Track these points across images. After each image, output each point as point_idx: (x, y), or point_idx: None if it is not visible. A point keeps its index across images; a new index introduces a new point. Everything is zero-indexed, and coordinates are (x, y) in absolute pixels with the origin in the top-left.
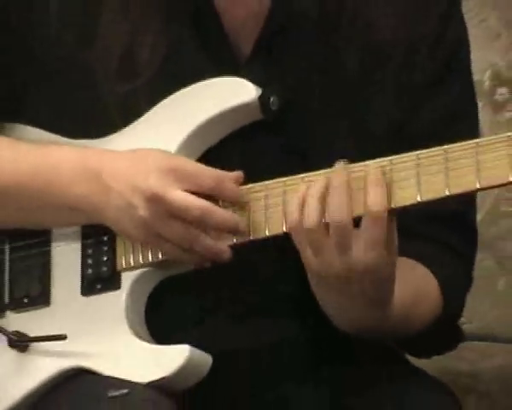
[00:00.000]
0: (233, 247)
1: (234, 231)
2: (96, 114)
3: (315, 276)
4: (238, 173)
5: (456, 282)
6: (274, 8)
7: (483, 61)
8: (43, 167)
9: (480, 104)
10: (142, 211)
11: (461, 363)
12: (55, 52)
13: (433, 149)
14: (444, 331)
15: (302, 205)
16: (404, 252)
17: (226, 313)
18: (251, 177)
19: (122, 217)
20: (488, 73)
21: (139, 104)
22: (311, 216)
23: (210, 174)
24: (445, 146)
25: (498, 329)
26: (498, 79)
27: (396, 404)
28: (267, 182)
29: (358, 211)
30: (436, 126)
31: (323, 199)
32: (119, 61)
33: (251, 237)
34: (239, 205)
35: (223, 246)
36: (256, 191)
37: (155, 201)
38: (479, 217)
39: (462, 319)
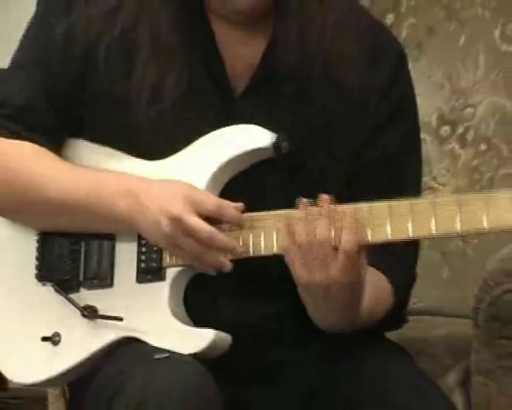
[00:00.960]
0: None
1: (231, 252)
2: (133, 131)
3: (301, 285)
4: (239, 204)
5: (402, 283)
6: (262, 61)
7: (431, 106)
8: (95, 188)
9: (428, 138)
10: (166, 228)
11: (414, 332)
12: (103, 87)
13: (402, 201)
14: (393, 318)
15: (292, 229)
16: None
17: (234, 296)
18: (256, 195)
19: (151, 229)
20: (435, 115)
21: (164, 125)
22: (301, 237)
23: (214, 205)
24: (412, 200)
25: (443, 306)
26: (442, 120)
27: (371, 361)
28: (262, 213)
29: (336, 243)
30: (386, 156)
31: (311, 225)
32: (149, 92)
33: (250, 255)
34: (241, 228)
35: (225, 260)
36: (254, 219)
37: (176, 221)
38: None
39: (416, 300)
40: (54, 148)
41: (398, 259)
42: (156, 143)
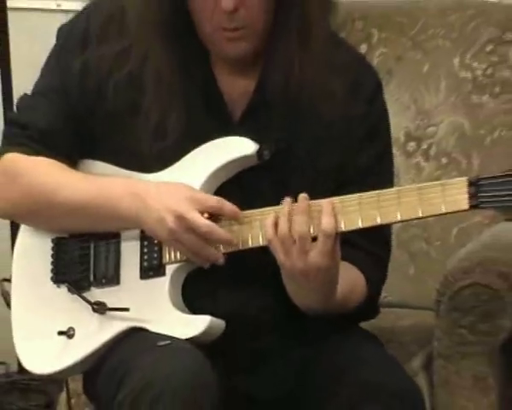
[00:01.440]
0: (227, 253)
1: (227, 243)
2: (138, 156)
3: (284, 272)
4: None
5: (375, 278)
6: (255, 92)
7: (399, 125)
8: (104, 191)
9: (397, 153)
10: (171, 224)
11: (384, 322)
12: (113, 118)
13: (370, 192)
14: (366, 309)
15: (276, 223)
16: (344, 258)
17: (230, 287)
18: (248, 199)
19: (156, 226)
20: (402, 133)
21: (167, 156)
22: (283, 230)
23: (215, 201)
24: (378, 191)
25: (409, 300)
26: (409, 137)
27: (348, 346)
28: (251, 211)
29: (315, 232)
30: (365, 170)
31: (291, 219)
32: (153, 130)
33: (240, 247)
34: (239, 222)
35: (219, 254)
36: (245, 216)
37: (179, 218)
38: (398, 226)
39: (386, 294)
40: (71, 165)
41: (373, 258)
42: (159, 166)
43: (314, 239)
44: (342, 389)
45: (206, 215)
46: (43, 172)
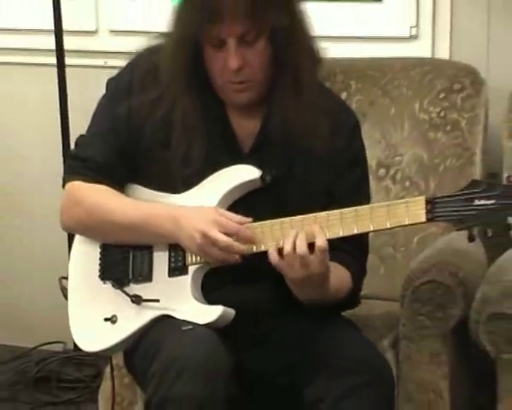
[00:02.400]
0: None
1: (240, 254)
2: (170, 181)
3: (289, 280)
4: (249, 219)
5: (357, 274)
6: (260, 131)
7: (372, 156)
8: (150, 214)
9: (370, 177)
10: (198, 240)
11: (361, 311)
12: (150, 152)
13: (349, 208)
14: (352, 299)
15: (279, 249)
16: (333, 259)
17: (238, 283)
18: (254, 214)
19: (188, 242)
20: (374, 162)
21: (191, 181)
22: (288, 250)
23: (235, 226)
24: (355, 207)
25: (380, 293)
26: (380, 165)
27: (333, 329)
28: (257, 223)
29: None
30: (348, 190)
31: (294, 243)
32: (181, 161)
33: (248, 253)
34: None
35: (234, 258)
36: (255, 227)
37: (205, 236)
38: (371, 235)
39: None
40: (120, 189)
41: (355, 259)
42: (184, 188)
43: (311, 248)
44: (329, 364)
45: None
46: (101, 198)
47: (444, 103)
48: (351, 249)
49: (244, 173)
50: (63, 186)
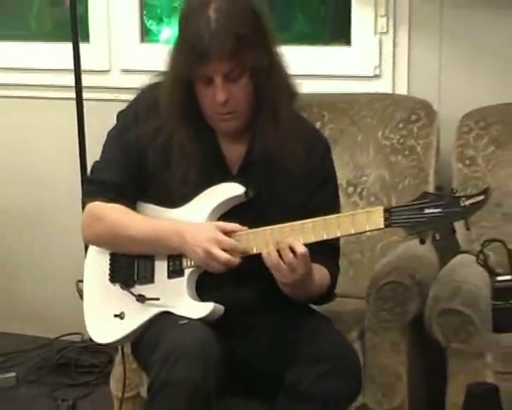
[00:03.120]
0: None
1: (235, 265)
2: (170, 198)
3: (280, 283)
4: (245, 227)
5: (334, 273)
6: (246, 155)
7: (342, 176)
8: (159, 230)
9: (341, 194)
10: (201, 254)
11: (333, 307)
12: (152, 173)
13: (320, 218)
14: (330, 294)
15: (269, 253)
16: (313, 261)
17: (229, 284)
18: (240, 224)
19: (192, 255)
20: (344, 180)
21: (189, 197)
22: (274, 260)
23: (232, 243)
24: (322, 218)
25: (350, 292)
26: (349, 183)
27: (310, 322)
28: (252, 230)
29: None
30: (321, 204)
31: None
32: (180, 181)
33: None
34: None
35: (234, 263)
36: (243, 234)
37: (206, 252)
38: (342, 243)
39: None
40: (132, 207)
41: (330, 260)
42: (182, 204)
43: (293, 253)
44: (306, 352)
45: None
46: (117, 215)
47: (402, 132)
48: (327, 252)
49: (231, 190)
50: (83, 208)
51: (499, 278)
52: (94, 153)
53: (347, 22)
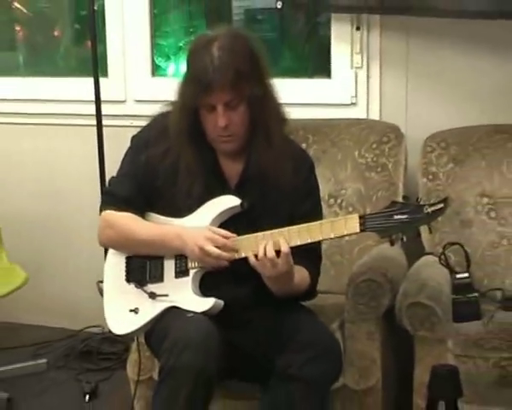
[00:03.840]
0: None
1: (228, 260)
2: (177, 209)
3: (264, 276)
4: (233, 234)
5: (314, 273)
6: (243, 172)
7: (324, 189)
8: (163, 234)
9: (323, 206)
10: (197, 252)
11: (318, 302)
12: (162, 189)
13: (304, 224)
14: (311, 292)
15: (256, 255)
16: (297, 263)
17: (228, 282)
18: (236, 231)
19: (190, 253)
20: (326, 193)
21: (192, 207)
22: (261, 255)
23: (223, 241)
24: (307, 224)
25: (331, 289)
26: (330, 196)
27: (296, 315)
28: (239, 237)
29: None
30: (306, 214)
31: (265, 250)
32: (186, 190)
33: (233, 259)
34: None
35: (224, 263)
36: (237, 240)
37: (201, 249)
38: (325, 247)
39: (318, 286)
40: (140, 215)
41: (311, 262)
42: (186, 214)
43: (278, 254)
44: (294, 341)
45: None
46: (127, 222)
47: (376, 151)
48: (309, 257)
49: (228, 201)
50: (100, 214)
51: (458, 276)
52: (111, 171)
53: (328, 58)
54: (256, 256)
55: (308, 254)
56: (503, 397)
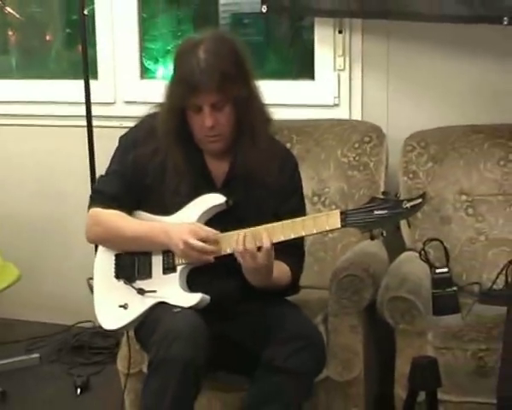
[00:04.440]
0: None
1: (213, 254)
2: (165, 207)
3: (243, 268)
4: (216, 231)
5: (296, 269)
6: (228, 171)
7: (308, 187)
8: (149, 230)
9: (307, 203)
10: (181, 246)
11: (302, 296)
12: (151, 187)
13: (288, 220)
14: (293, 288)
15: (237, 244)
16: (279, 259)
17: (215, 277)
18: (222, 227)
19: (175, 248)
20: (310, 191)
21: (180, 205)
22: (240, 247)
23: (206, 234)
24: (291, 220)
25: (315, 284)
26: (314, 194)
27: (280, 309)
28: (224, 233)
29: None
30: (290, 211)
31: (244, 243)
32: (174, 188)
33: (219, 254)
34: (216, 243)
35: (209, 258)
36: (221, 236)
37: (185, 243)
38: (309, 243)
39: (303, 280)
40: (127, 213)
41: (293, 258)
42: (173, 212)
43: (259, 249)
44: (279, 334)
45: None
46: (114, 219)
47: (358, 151)
48: (292, 253)
49: (213, 199)
50: (88, 212)
51: (438, 271)
52: (102, 170)
53: (311, 61)
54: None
55: (291, 250)
56: (481, 387)
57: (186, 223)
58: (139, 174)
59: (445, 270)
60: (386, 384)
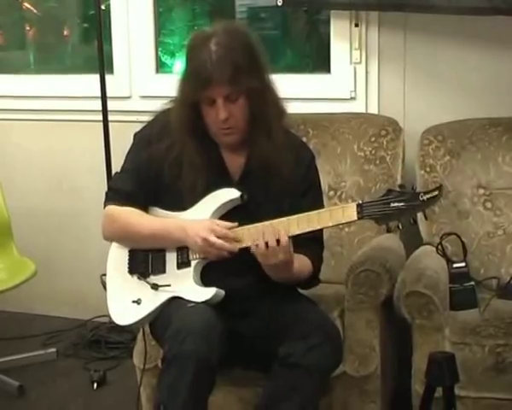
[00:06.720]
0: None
1: (230, 251)
2: (181, 203)
3: (264, 265)
4: (235, 223)
5: (316, 262)
6: (245, 165)
7: (325, 182)
8: (165, 227)
9: (324, 197)
10: (200, 243)
11: (318, 291)
12: (167, 184)
13: (303, 214)
14: (313, 280)
15: (257, 245)
16: (299, 252)
17: (229, 273)
18: (238, 221)
19: (192, 245)
20: (326, 186)
21: (196, 200)
22: (262, 245)
23: (224, 231)
24: (306, 213)
25: (332, 279)
26: (330, 188)
27: (297, 303)
28: (240, 228)
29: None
30: (308, 205)
31: (267, 240)
32: (190, 184)
33: (236, 250)
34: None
35: (226, 254)
36: (239, 230)
37: (204, 240)
38: (325, 238)
39: (320, 276)
40: (143, 210)
41: (313, 251)
42: (189, 207)
43: (277, 243)
44: (296, 329)
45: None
46: (130, 216)
47: (374, 144)
48: (311, 245)
49: (228, 194)
50: (104, 209)
51: (455, 265)
52: (118, 165)
53: (327, 55)
54: (257, 246)
55: (310, 243)
56: (499, 382)
57: (203, 219)
58: (154, 171)
59: (463, 264)
60: (403, 380)
